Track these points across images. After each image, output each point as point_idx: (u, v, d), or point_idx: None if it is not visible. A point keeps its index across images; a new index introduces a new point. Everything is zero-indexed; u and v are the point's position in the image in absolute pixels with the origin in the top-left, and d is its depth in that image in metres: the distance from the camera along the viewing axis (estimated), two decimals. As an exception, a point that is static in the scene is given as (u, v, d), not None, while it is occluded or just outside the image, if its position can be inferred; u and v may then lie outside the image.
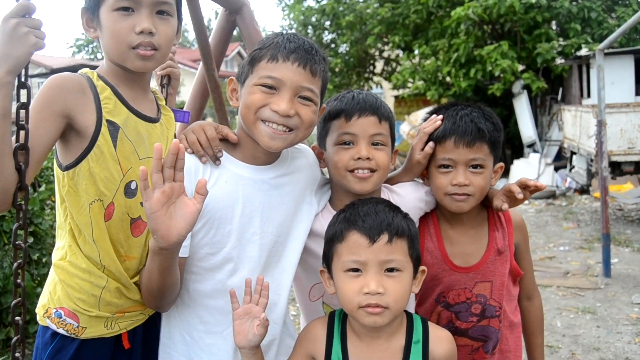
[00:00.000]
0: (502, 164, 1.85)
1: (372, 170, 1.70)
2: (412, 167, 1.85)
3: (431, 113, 1.89)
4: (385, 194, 1.84)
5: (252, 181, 1.64)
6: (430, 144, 1.78)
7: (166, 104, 1.82)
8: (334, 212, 1.76)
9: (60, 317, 1.57)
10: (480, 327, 1.84)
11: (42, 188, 4.49)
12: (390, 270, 1.47)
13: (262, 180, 1.66)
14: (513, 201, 1.79)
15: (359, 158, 1.68)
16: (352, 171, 1.70)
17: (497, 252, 1.82)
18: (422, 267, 1.58)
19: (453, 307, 1.84)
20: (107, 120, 1.52)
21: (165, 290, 1.54)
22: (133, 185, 1.59)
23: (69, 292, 1.57)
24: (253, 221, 1.65)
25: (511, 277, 1.89)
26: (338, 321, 1.60)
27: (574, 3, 13.34)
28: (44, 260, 4.32)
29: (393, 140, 1.79)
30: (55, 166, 1.56)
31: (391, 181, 1.90)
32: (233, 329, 1.54)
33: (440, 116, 1.80)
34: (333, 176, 1.77)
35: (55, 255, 1.62)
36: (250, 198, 1.64)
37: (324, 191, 1.87)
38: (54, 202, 4.53)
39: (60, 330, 1.57)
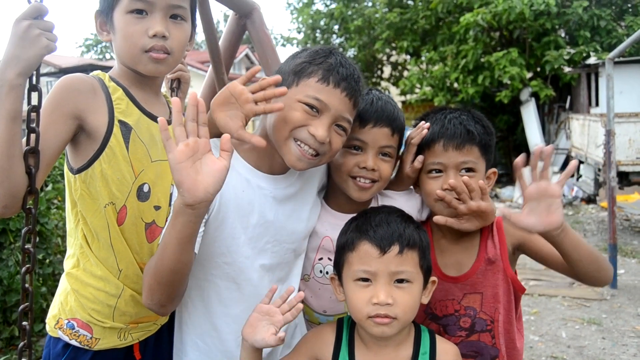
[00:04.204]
0: (495, 169, 1.79)
1: (374, 181, 1.69)
2: (402, 180, 1.80)
3: (420, 119, 1.84)
4: (375, 198, 1.81)
5: (268, 191, 1.63)
6: (419, 157, 1.72)
7: None
8: (327, 208, 1.80)
9: (73, 329, 1.55)
10: (470, 343, 1.74)
11: (49, 188, 4.50)
12: (400, 281, 1.46)
13: (277, 190, 1.64)
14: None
15: (364, 167, 1.67)
16: (354, 177, 1.68)
17: (487, 261, 1.74)
18: (432, 278, 1.57)
19: (441, 320, 1.77)
20: (119, 121, 1.50)
21: (177, 273, 1.39)
22: (145, 188, 1.57)
23: (82, 303, 1.55)
24: (268, 230, 1.64)
25: (513, 293, 1.76)
26: (346, 328, 1.59)
27: (585, 11, 13.31)
28: (47, 260, 4.33)
29: (400, 149, 1.77)
30: (66, 171, 1.54)
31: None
32: (248, 318, 1.50)
33: (427, 124, 1.75)
34: (334, 176, 1.76)
35: (67, 264, 1.60)
36: (265, 208, 1.62)
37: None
38: (60, 202, 4.55)
39: (73, 342, 1.55)
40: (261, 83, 1.46)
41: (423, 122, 1.78)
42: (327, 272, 1.81)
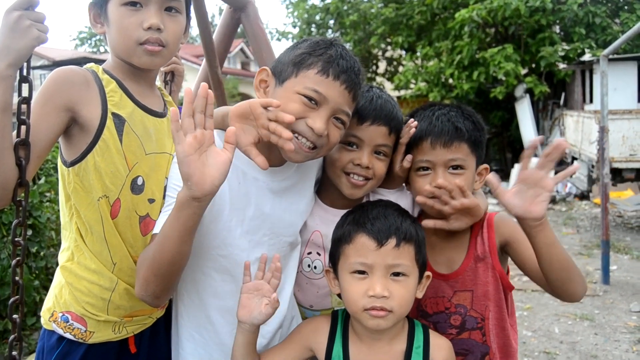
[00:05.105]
0: (486, 165, 1.76)
1: (367, 179, 1.68)
2: (393, 178, 1.78)
3: (409, 116, 1.81)
4: (367, 196, 1.80)
5: (264, 183, 1.62)
6: (408, 157, 1.70)
7: None
8: (319, 202, 1.79)
9: (67, 322, 1.55)
10: (460, 341, 1.72)
11: (42, 181, 4.47)
12: (396, 274, 1.46)
13: (274, 182, 1.64)
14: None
15: (358, 164, 1.66)
16: (347, 174, 1.68)
17: (476, 258, 1.72)
18: (427, 273, 1.57)
19: (432, 317, 1.75)
20: (113, 113, 1.49)
21: (175, 265, 1.38)
22: (139, 181, 1.56)
23: (77, 296, 1.55)
24: (265, 223, 1.63)
25: (502, 289, 1.74)
26: (340, 321, 1.59)
27: (580, 8, 13.34)
28: (42, 253, 4.31)
29: (395, 148, 1.76)
30: (59, 164, 1.53)
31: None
32: (239, 301, 1.51)
33: (415, 122, 1.71)
34: (328, 171, 1.75)
35: (62, 258, 1.60)
36: (261, 200, 1.61)
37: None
38: (53, 195, 4.53)
39: (67, 335, 1.55)
40: (278, 115, 1.42)
41: (411, 120, 1.75)
42: (315, 267, 1.81)
